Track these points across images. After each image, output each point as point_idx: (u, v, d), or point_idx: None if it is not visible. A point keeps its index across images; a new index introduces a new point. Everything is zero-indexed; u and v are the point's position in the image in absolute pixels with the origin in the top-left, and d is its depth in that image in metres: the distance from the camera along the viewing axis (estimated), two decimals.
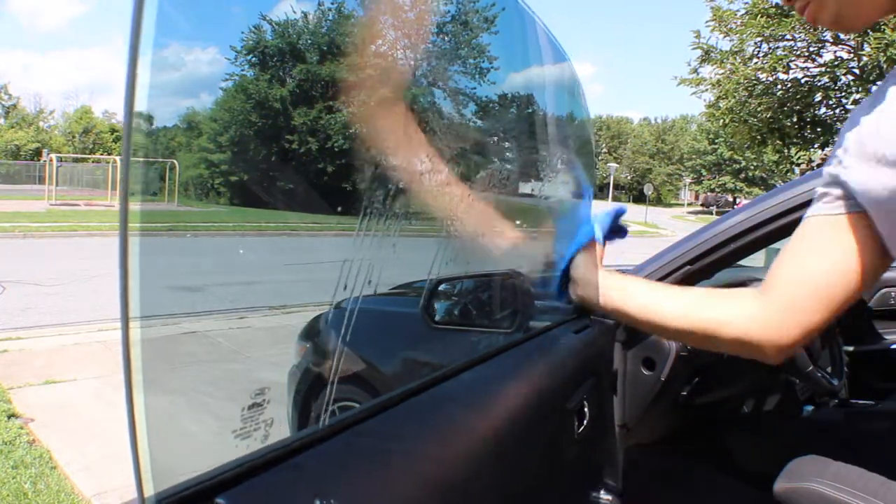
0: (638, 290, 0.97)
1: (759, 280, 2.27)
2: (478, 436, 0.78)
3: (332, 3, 0.84)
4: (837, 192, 0.74)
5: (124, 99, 0.37)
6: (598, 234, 1.12)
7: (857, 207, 0.72)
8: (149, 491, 0.41)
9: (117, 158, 24.45)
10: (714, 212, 45.66)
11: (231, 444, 0.52)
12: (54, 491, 2.79)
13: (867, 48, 9.53)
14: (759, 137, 11.83)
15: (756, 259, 3.12)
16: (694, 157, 51.47)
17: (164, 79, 0.48)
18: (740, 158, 39.55)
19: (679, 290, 0.97)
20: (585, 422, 1.16)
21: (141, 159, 0.45)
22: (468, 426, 0.77)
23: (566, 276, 1.11)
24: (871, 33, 9.35)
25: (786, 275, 0.79)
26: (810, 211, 0.77)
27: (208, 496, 0.46)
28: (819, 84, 11.08)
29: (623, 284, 1.00)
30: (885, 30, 9.08)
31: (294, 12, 0.74)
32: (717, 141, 42.38)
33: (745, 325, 0.82)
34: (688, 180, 56.85)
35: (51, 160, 25.32)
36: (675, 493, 2.16)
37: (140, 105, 0.39)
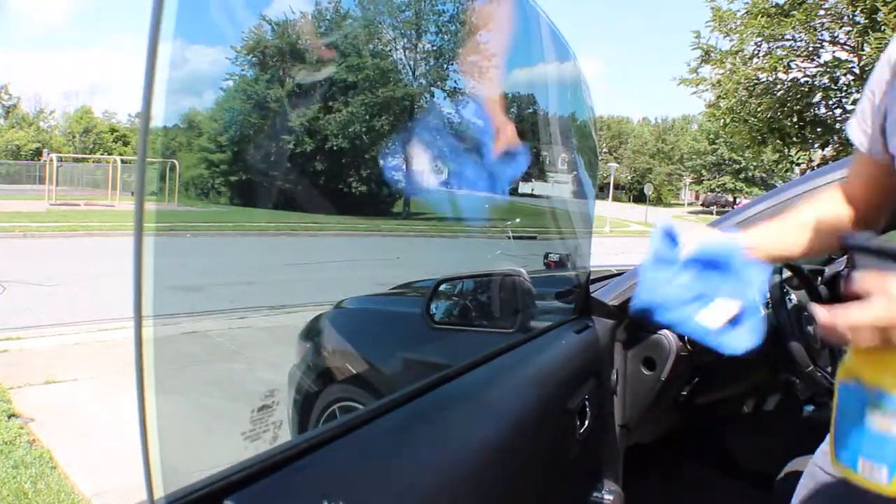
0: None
1: None
2: (481, 437, 0.78)
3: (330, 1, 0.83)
4: None
5: (142, 100, 0.37)
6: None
7: None
8: (159, 493, 0.41)
9: (117, 158, 24.42)
10: (714, 212, 45.65)
11: (240, 445, 0.52)
12: (54, 491, 2.79)
13: (867, 48, 9.52)
14: (759, 137, 11.82)
15: None
16: (694, 157, 51.43)
17: (164, 79, 0.48)
18: (740, 158, 39.53)
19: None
20: (587, 422, 1.16)
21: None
22: (471, 428, 0.77)
23: None
24: (870, 33, 9.33)
25: None
26: None
27: (218, 498, 0.45)
28: (819, 84, 11.06)
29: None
30: (884, 30, 9.06)
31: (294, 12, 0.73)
32: (717, 141, 42.33)
33: None
34: (688, 180, 56.84)
35: (51, 160, 25.28)
36: (675, 492, 2.16)
37: (156, 106, 0.39)
